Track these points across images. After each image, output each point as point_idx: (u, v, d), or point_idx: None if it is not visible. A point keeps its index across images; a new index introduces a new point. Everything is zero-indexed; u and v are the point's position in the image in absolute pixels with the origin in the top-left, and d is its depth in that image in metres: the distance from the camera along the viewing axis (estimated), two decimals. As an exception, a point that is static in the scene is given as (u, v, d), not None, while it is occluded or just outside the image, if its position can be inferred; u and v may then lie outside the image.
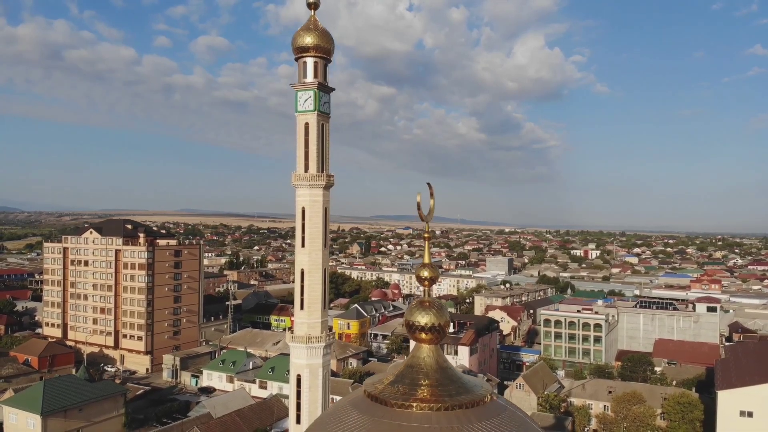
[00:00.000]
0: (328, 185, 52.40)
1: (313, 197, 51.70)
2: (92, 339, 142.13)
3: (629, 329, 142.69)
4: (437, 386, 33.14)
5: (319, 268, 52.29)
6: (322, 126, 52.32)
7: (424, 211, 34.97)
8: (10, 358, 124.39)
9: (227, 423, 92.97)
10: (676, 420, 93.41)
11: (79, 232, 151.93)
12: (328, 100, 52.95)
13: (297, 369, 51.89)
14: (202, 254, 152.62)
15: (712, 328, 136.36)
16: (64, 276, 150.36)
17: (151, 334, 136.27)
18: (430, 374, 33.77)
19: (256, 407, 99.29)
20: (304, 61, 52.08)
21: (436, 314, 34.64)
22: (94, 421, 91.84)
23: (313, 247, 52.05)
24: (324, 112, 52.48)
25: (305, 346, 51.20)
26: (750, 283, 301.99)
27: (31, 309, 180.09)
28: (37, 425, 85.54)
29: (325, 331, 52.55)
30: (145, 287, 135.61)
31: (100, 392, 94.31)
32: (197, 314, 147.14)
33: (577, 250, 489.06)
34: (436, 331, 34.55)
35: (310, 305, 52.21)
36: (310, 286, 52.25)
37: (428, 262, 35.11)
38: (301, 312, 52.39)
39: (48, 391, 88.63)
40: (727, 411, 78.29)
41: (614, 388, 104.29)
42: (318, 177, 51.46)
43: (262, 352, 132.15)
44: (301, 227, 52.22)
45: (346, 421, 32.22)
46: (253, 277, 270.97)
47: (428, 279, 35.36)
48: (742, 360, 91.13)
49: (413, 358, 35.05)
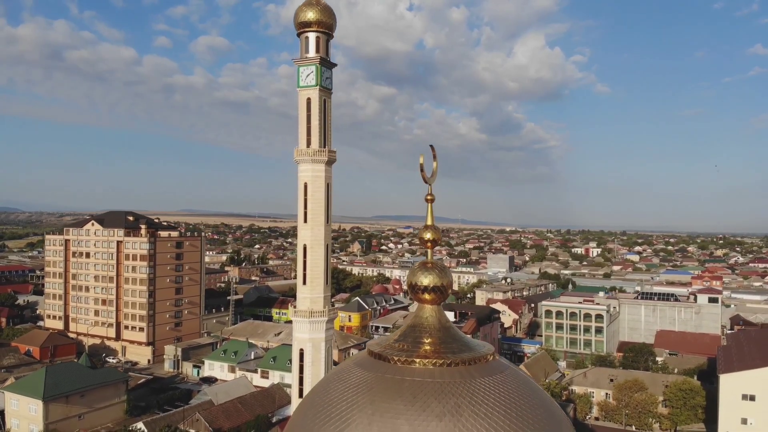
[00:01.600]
0: (330, 161, 52.49)
1: (315, 172, 51.80)
2: (94, 330, 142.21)
3: (630, 320, 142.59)
4: (440, 344, 33.22)
5: (321, 244, 52.38)
6: (324, 101, 52.45)
7: (427, 173, 35.13)
8: (12, 349, 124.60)
9: (229, 409, 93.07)
10: (678, 406, 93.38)
11: (80, 224, 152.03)
12: (330, 75, 53.07)
13: (300, 343, 51.98)
14: (204, 246, 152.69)
15: (714, 319, 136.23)
16: (66, 268, 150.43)
17: (152, 326, 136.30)
18: (433, 333, 33.83)
19: (258, 395, 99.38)
20: (306, 37, 52.21)
21: (439, 275, 34.68)
22: (95, 407, 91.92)
23: (316, 222, 52.16)
24: (326, 88, 52.59)
25: (308, 321, 51.30)
26: (751, 280, 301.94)
27: (33, 303, 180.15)
28: (39, 410, 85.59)
29: (328, 306, 52.65)
30: (147, 278, 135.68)
31: (101, 379, 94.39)
32: (199, 306, 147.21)
33: (578, 249, 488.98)
34: (438, 292, 34.70)
35: (312, 280, 52.31)
36: (312, 261, 52.36)
37: (431, 224, 35.32)
38: (303, 287, 52.50)
39: (50, 376, 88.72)
40: (730, 395, 78.23)
41: (616, 376, 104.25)
42: (320, 152, 51.57)
43: (263, 342, 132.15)
44: (304, 203, 52.35)
45: (349, 379, 32.32)
46: (255, 274, 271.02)
47: (431, 241, 35.41)
48: (744, 346, 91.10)
49: (416, 318, 35.13)
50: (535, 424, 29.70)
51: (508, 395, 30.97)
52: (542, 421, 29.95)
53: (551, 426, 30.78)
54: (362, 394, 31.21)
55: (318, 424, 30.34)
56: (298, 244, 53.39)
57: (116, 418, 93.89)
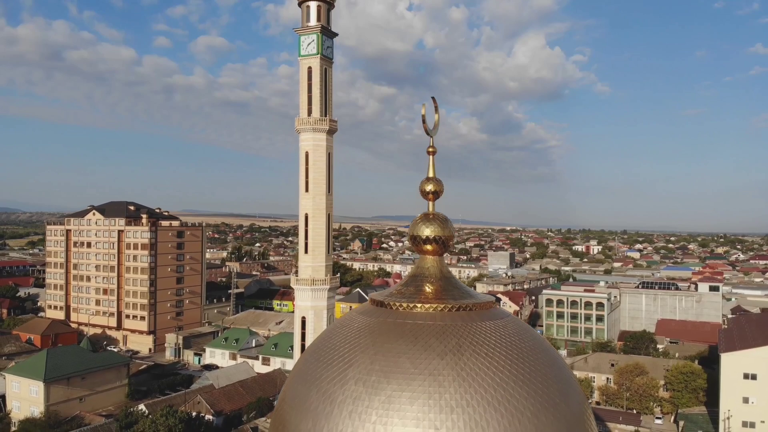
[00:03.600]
0: (331, 130, 52.55)
1: (317, 141, 51.89)
2: (95, 320, 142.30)
3: (631, 310, 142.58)
4: (442, 291, 33.37)
5: (323, 213, 52.47)
6: (324, 70, 52.54)
7: (429, 125, 35.23)
8: (13, 337, 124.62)
9: (230, 392, 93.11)
10: (680, 389, 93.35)
11: (81, 215, 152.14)
12: (331, 44, 53.15)
13: (302, 311, 52.06)
14: (204, 236, 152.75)
15: (715, 308, 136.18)
16: (67, 258, 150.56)
17: (153, 314, 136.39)
18: (435, 282, 33.93)
19: (259, 379, 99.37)
20: (307, 5, 52.31)
21: (440, 226, 34.87)
22: (97, 390, 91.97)
23: (317, 191, 52.26)
24: (327, 57, 52.67)
25: (310, 288, 51.39)
26: (752, 276, 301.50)
27: (34, 295, 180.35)
28: (40, 392, 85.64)
29: (329, 275, 52.73)
30: (148, 267, 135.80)
31: (103, 362, 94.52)
32: (200, 296, 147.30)
33: (578, 246, 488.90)
34: (440, 243, 34.89)
35: (314, 249, 52.41)
36: (314, 230, 52.46)
37: (432, 176, 35.43)
38: (305, 256, 52.59)
39: (51, 359, 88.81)
40: (731, 374, 78.22)
41: (617, 361, 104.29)
42: (321, 121, 51.65)
43: (264, 331, 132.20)
44: (305, 172, 52.46)
45: (351, 325, 32.46)
46: (255, 268, 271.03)
47: (433, 192, 35.63)
48: (746, 328, 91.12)
49: (417, 269, 35.20)
50: (537, 364, 29.78)
51: (510, 338, 31.06)
52: (544, 363, 30.03)
53: (554, 369, 30.87)
54: (364, 337, 31.30)
55: (320, 367, 30.43)
56: (300, 213, 53.52)
57: (117, 401, 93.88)
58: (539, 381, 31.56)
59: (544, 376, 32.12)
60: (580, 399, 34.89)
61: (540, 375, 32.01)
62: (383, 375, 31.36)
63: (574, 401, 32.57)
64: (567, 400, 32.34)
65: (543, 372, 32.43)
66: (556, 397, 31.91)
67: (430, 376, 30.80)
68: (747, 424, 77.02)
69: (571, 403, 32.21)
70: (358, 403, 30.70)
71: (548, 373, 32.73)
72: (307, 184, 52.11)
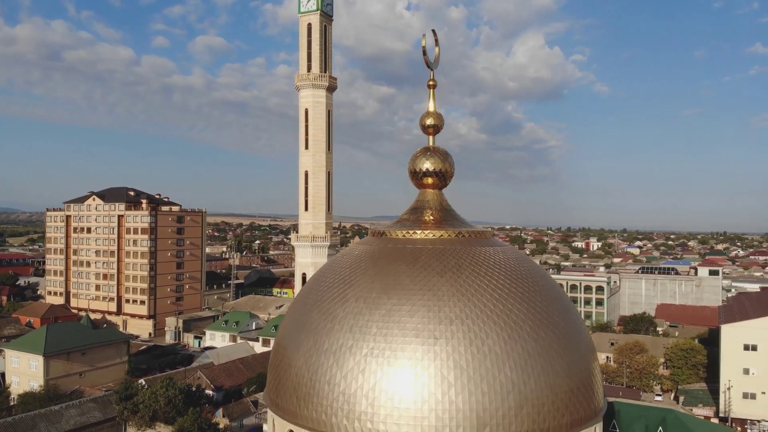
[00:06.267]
0: (331, 87, 52.55)
1: (316, 98, 51.89)
2: (95, 305, 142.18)
3: (631, 295, 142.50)
4: (442, 220, 33.39)
5: (323, 170, 52.49)
6: (324, 27, 52.54)
7: (430, 57, 35.20)
8: (13, 320, 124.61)
9: (230, 369, 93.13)
10: (680, 366, 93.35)
11: (81, 200, 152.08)
12: (331, 2, 53.18)
13: (302, 268, 52.10)
14: (205, 222, 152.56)
15: (714, 292, 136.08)
16: (67, 244, 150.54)
17: (153, 299, 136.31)
18: (435, 213, 33.98)
19: (260, 356, 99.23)
20: (308, -38, 52.35)
21: (441, 159, 34.86)
22: (97, 366, 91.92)
23: (317, 148, 52.27)
24: (327, 14, 52.66)
25: (310, 245, 51.40)
26: (752, 270, 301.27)
27: (34, 283, 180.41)
28: (39, 367, 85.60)
29: (330, 232, 52.74)
30: (148, 251, 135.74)
31: (103, 338, 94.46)
32: (200, 281, 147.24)
33: (578, 243, 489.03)
34: (440, 176, 34.79)
35: (314, 206, 52.44)
36: (314, 187, 52.50)
37: (433, 110, 35.43)
38: (305, 213, 52.63)
39: (51, 334, 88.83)
40: (731, 345, 78.26)
41: (616, 340, 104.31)
42: (321, 77, 51.65)
43: (265, 315, 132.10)
44: (305, 129, 52.48)
45: (352, 253, 32.53)
46: (255, 261, 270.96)
47: (432, 126, 35.57)
48: (746, 303, 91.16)
49: (417, 202, 35.21)
50: (536, 286, 29.84)
51: (510, 262, 31.13)
52: (545, 287, 30.07)
53: (554, 292, 30.85)
54: (365, 260, 31.43)
55: (322, 290, 30.50)
56: (300, 171, 53.56)
57: (118, 378, 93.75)
58: (539, 300, 31.43)
59: (543, 297, 31.98)
60: (580, 322, 34.57)
61: (540, 295, 31.88)
62: (383, 292, 31.23)
63: (574, 322, 32.38)
64: (566, 320, 32.16)
65: (543, 293, 32.25)
66: (555, 315, 31.72)
67: (430, 291, 30.72)
68: (748, 395, 77.04)
69: (571, 323, 32.03)
70: (358, 318, 30.57)
71: (548, 295, 32.54)
72: (307, 141, 52.18)
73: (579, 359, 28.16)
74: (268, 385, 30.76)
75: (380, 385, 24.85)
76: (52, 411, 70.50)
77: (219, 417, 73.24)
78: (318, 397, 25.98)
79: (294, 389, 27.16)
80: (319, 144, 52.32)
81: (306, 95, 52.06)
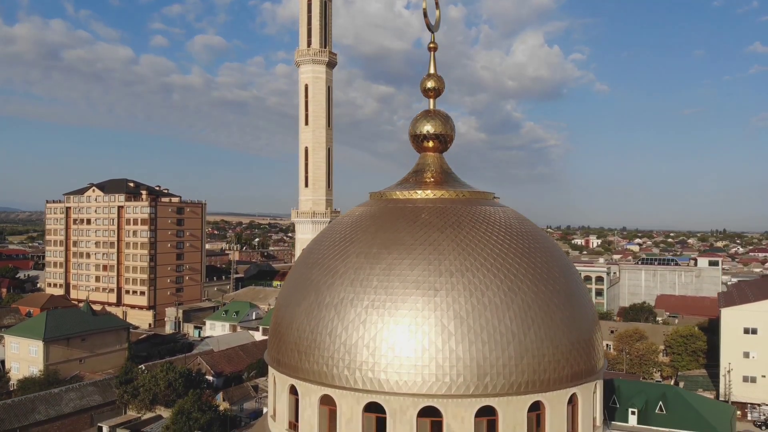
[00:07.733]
0: (331, 63, 52.52)
1: (316, 74, 51.85)
2: (94, 296, 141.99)
3: (631, 286, 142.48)
4: (443, 181, 33.37)
5: (323, 146, 52.46)
6: (324, 2, 52.50)
7: (431, 19, 35.17)
8: (13, 310, 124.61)
9: (230, 355, 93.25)
10: (680, 352, 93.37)
11: (81, 192, 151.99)
12: (331, -22, 53.16)
13: (302, 244, 52.01)
14: (205, 213, 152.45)
15: (714, 282, 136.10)
16: (67, 236, 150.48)
17: (153, 290, 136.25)
18: (435, 175, 33.95)
19: (260, 343, 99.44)
20: (308, -62, 52.32)
21: (442, 122, 34.81)
22: (97, 352, 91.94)
23: (317, 124, 52.25)
24: (327, -10, 52.67)
25: (310, 221, 51.39)
26: (751, 266, 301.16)
27: (34, 276, 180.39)
28: (39, 352, 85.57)
29: (330, 208, 52.71)
30: (148, 242, 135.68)
31: (103, 324, 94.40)
32: (200, 273, 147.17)
33: (578, 240, 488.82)
34: (441, 139, 34.72)
35: (314, 182, 52.42)
36: (314, 164, 52.47)
37: (433, 72, 35.40)
38: (306, 189, 52.60)
39: (51, 319, 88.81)
40: (731, 329, 78.30)
41: (616, 328, 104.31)
42: (321, 52, 51.61)
43: (265, 306, 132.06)
44: (305, 104, 52.46)
45: (353, 214, 32.49)
46: (255, 257, 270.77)
47: (433, 89, 35.51)
48: (745, 289, 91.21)
49: (418, 165, 35.16)
50: (536, 244, 29.82)
51: (510, 221, 31.10)
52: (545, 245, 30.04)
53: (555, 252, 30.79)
54: (365, 219, 31.40)
55: (322, 249, 30.47)
56: (300, 147, 53.52)
57: (117, 364, 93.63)
58: (539, 257, 31.33)
59: (544, 254, 31.89)
60: (580, 282, 34.42)
61: (540, 252, 31.79)
62: (384, 247, 31.15)
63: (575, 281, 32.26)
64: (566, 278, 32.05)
65: (543, 251, 32.17)
66: (555, 271, 31.62)
67: (430, 246, 30.65)
68: (748, 378, 77.08)
69: (572, 281, 31.91)
70: (359, 273, 30.49)
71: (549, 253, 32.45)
72: (307, 117, 52.14)
73: (579, 315, 28.21)
74: (270, 345, 30.78)
75: (381, 335, 24.90)
76: (51, 394, 70.57)
77: (219, 401, 73.23)
78: (319, 349, 26.00)
79: (295, 344, 27.18)
80: (318, 120, 52.28)
81: (306, 71, 52.01)
